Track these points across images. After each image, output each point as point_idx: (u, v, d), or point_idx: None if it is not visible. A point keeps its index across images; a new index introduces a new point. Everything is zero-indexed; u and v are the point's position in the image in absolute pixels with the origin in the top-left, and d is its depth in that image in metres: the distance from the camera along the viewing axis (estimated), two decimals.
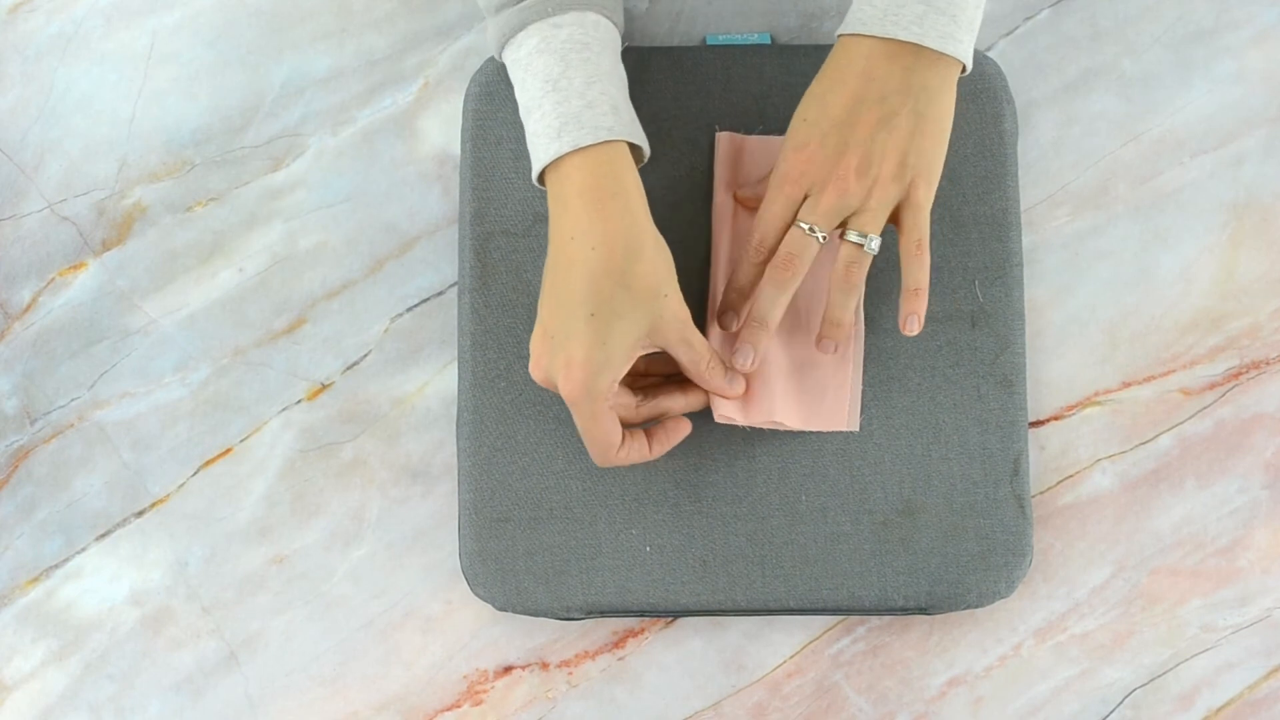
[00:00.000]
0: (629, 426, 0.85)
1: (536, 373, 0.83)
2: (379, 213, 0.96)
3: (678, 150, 0.93)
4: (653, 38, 0.97)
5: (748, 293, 0.87)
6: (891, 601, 0.90)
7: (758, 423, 0.88)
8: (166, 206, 0.97)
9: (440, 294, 0.96)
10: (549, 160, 0.82)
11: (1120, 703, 0.92)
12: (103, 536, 0.94)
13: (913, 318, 0.85)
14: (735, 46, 0.94)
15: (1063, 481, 0.94)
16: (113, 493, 0.94)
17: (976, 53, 0.92)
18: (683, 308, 0.83)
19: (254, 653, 0.93)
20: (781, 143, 0.85)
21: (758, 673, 0.93)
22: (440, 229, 0.96)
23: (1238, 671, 0.92)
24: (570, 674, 0.93)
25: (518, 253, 0.92)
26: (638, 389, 0.86)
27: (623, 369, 0.81)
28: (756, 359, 0.86)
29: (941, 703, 0.92)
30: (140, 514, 0.94)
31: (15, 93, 0.98)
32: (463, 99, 0.94)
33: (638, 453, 0.84)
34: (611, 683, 0.93)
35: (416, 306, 0.96)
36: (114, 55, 0.98)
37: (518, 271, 0.92)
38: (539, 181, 0.85)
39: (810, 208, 0.83)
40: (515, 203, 0.92)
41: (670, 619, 0.93)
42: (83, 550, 0.94)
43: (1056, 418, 0.94)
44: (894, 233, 0.85)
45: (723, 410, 0.87)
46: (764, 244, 0.85)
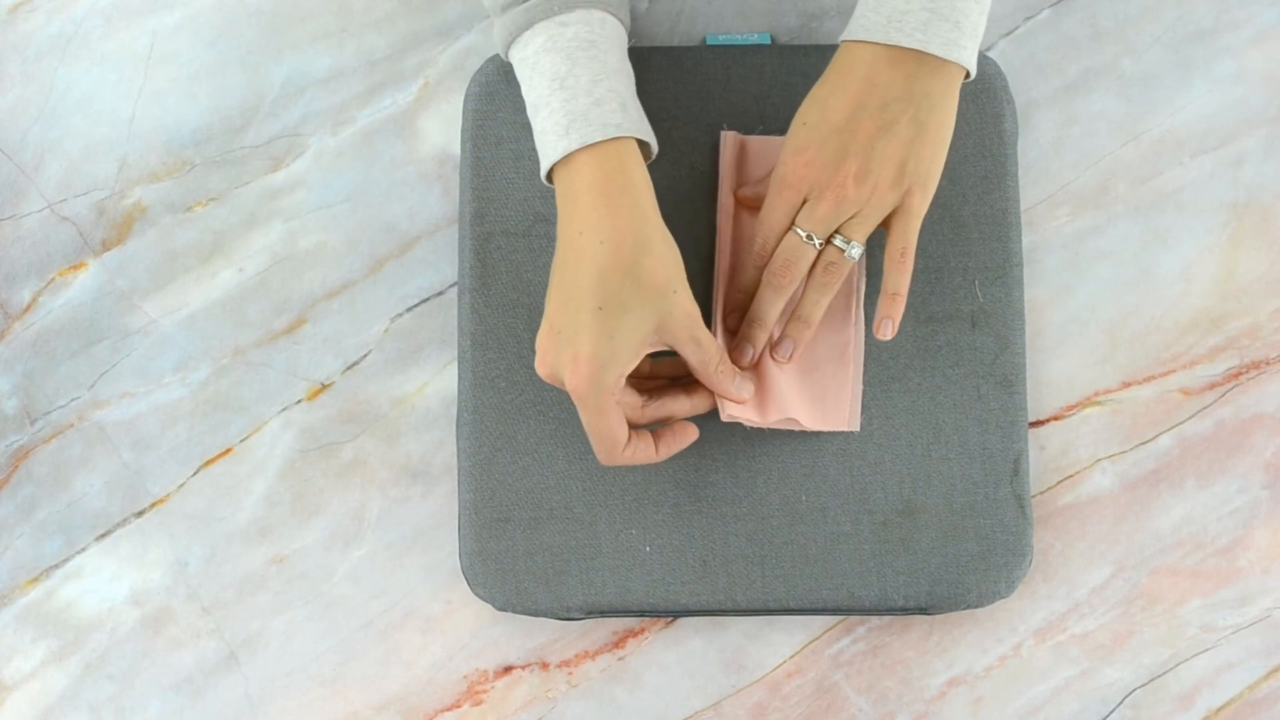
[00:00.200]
0: (635, 428, 0.84)
1: (543, 369, 0.82)
2: (379, 213, 0.96)
3: (678, 150, 0.93)
4: (653, 38, 0.97)
5: (750, 293, 0.87)
6: (891, 601, 0.90)
7: (762, 423, 0.88)
8: (166, 206, 0.97)
9: (440, 294, 0.96)
10: (558, 157, 0.82)
11: (1120, 703, 0.92)
12: (103, 536, 0.94)
13: (887, 321, 0.85)
14: (735, 46, 0.94)
15: (1063, 481, 0.94)
16: (113, 493, 0.94)
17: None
18: (693, 305, 0.82)
19: (254, 653, 0.93)
20: (781, 145, 0.85)
21: (758, 673, 0.93)
22: (440, 229, 0.96)
23: (1238, 671, 0.92)
24: (570, 674, 0.93)
25: (518, 253, 0.92)
26: (644, 391, 0.86)
27: (630, 364, 0.81)
28: (756, 355, 0.87)
29: (941, 703, 0.92)
30: (140, 514, 0.94)
31: (15, 93, 0.98)
32: (463, 99, 0.94)
33: (644, 453, 0.84)
34: (611, 683, 0.93)
35: (416, 306, 0.96)
36: (114, 55, 0.98)
37: (518, 271, 0.92)
38: (547, 179, 0.85)
39: (808, 214, 0.83)
40: (515, 203, 0.92)
41: (670, 619, 0.93)
42: (83, 550, 0.94)
43: (1056, 418, 0.94)
44: (880, 241, 0.86)
45: (729, 410, 0.87)
46: (765, 249, 0.85)
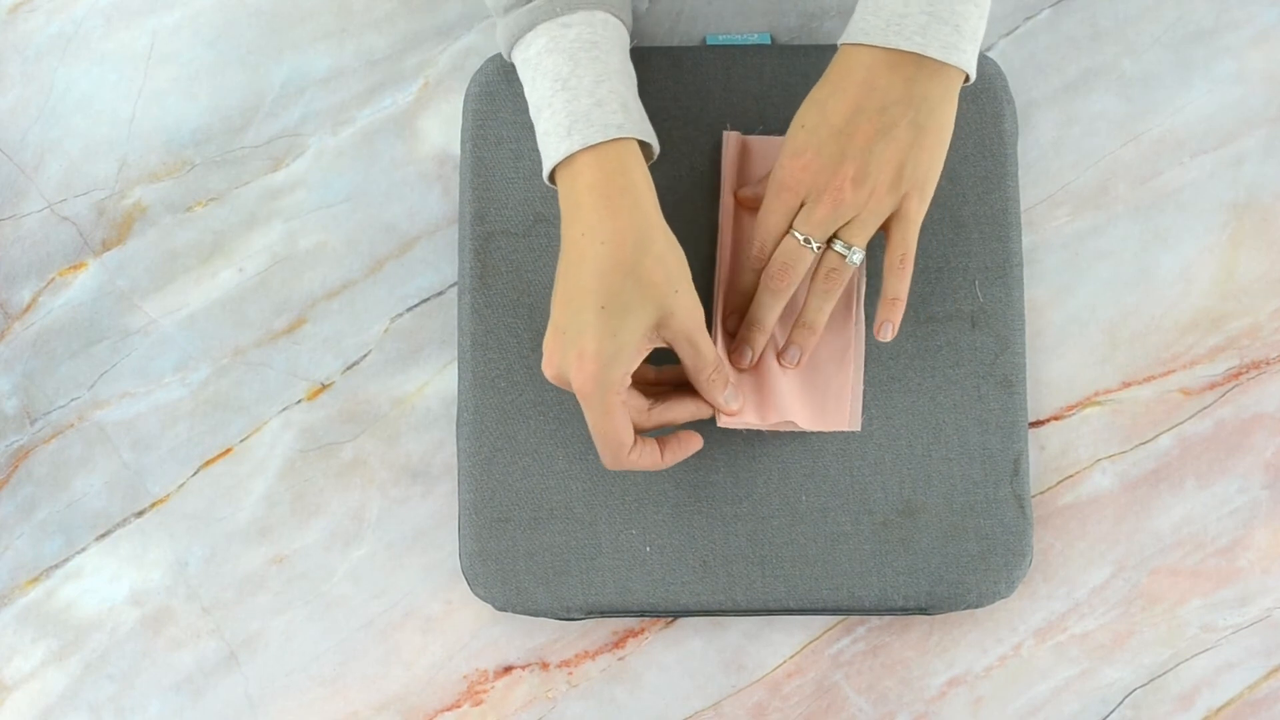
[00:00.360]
0: (640, 433, 0.84)
1: (549, 369, 0.82)
2: (379, 213, 0.96)
3: (678, 150, 0.93)
4: (653, 38, 0.97)
5: (749, 296, 0.87)
6: (891, 601, 0.90)
7: (762, 424, 0.88)
8: (166, 206, 0.96)
9: (440, 294, 0.96)
10: (560, 158, 0.82)
11: (1120, 703, 0.92)
12: (103, 536, 0.94)
13: (887, 325, 0.86)
14: (735, 46, 0.94)
15: (1063, 481, 0.94)
16: (113, 493, 0.94)
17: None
18: (696, 307, 0.82)
19: (254, 653, 0.93)
20: (780, 148, 0.85)
21: (758, 673, 0.93)
22: (440, 229, 0.96)
23: (1238, 671, 0.92)
24: (570, 674, 0.93)
25: (518, 253, 0.92)
26: (649, 397, 0.86)
27: (634, 362, 0.81)
28: (755, 358, 0.87)
29: (941, 703, 0.92)
30: (140, 514, 0.94)
31: (15, 93, 0.98)
32: (463, 99, 0.94)
33: (649, 459, 0.84)
34: (611, 683, 0.93)
35: (416, 306, 0.96)
36: (114, 55, 0.98)
37: (518, 271, 0.92)
38: (550, 180, 0.85)
39: (805, 217, 0.83)
40: (515, 203, 0.92)
41: (670, 619, 0.93)
42: (83, 550, 0.94)
43: (1056, 418, 0.94)
44: (880, 242, 0.86)
45: (725, 416, 0.86)
46: (763, 251, 0.86)
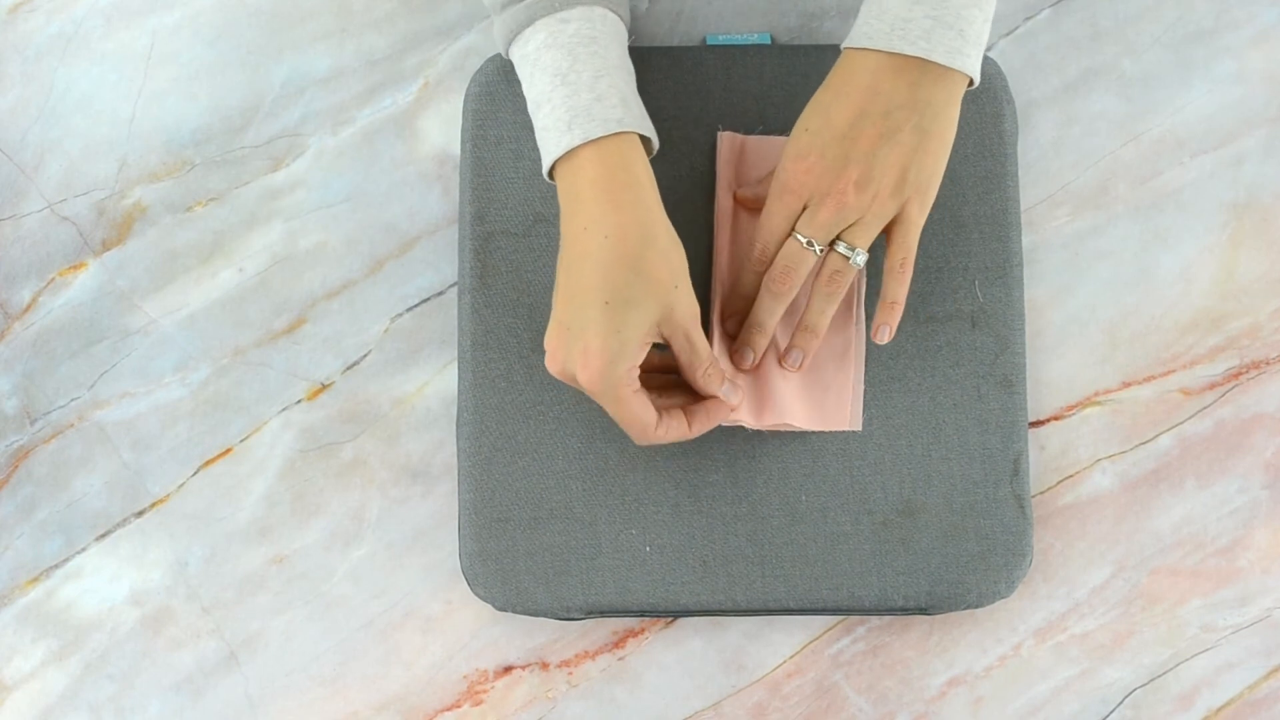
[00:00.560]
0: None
1: (553, 366, 0.82)
2: (379, 213, 0.96)
3: (678, 150, 0.93)
4: (653, 38, 0.97)
5: (750, 298, 0.87)
6: (891, 601, 0.90)
7: (762, 425, 0.88)
8: (166, 206, 0.96)
9: (440, 294, 0.96)
10: (560, 153, 0.82)
11: (1120, 703, 0.92)
12: (103, 536, 0.94)
13: (884, 328, 0.87)
14: (735, 46, 0.94)
15: (1063, 481, 0.94)
16: (113, 493, 0.94)
17: None
18: (693, 303, 0.82)
19: (254, 653, 0.93)
20: (782, 149, 0.85)
21: (758, 673, 0.93)
22: (440, 229, 0.96)
23: (1238, 671, 0.92)
24: (570, 674, 0.93)
25: (518, 253, 0.92)
26: (653, 388, 0.85)
27: (639, 357, 0.81)
28: (756, 359, 0.87)
29: (941, 703, 0.92)
30: (140, 514, 0.94)
31: (15, 93, 0.98)
32: (463, 99, 0.94)
33: (677, 430, 0.84)
34: (611, 683, 0.93)
35: (416, 306, 0.96)
36: (114, 55, 0.98)
37: (518, 271, 0.92)
38: (549, 176, 0.85)
39: (808, 220, 0.83)
40: (515, 203, 0.92)
41: (670, 619, 0.93)
42: (83, 550, 0.94)
43: (1056, 418, 0.94)
44: (879, 241, 0.86)
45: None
46: (765, 254, 0.86)
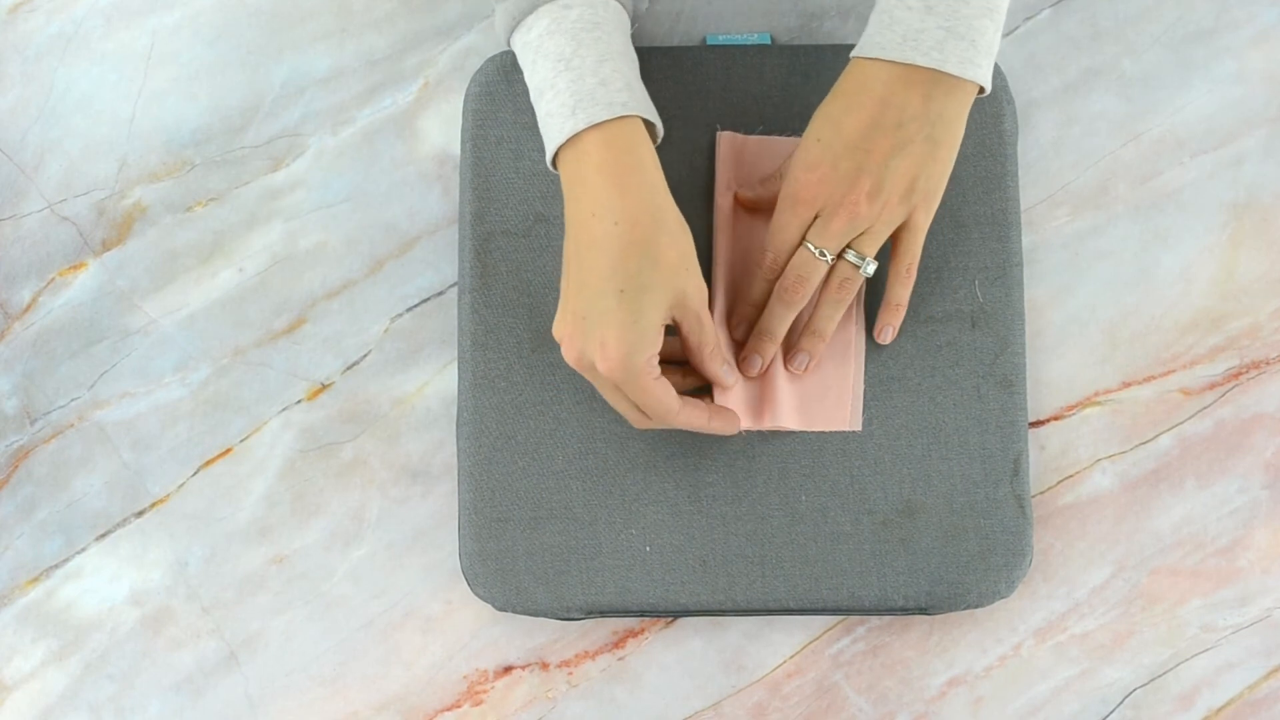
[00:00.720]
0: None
1: (571, 356, 0.82)
2: (379, 213, 0.96)
3: (678, 150, 0.92)
4: (653, 38, 0.97)
5: (760, 306, 0.87)
6: (891, 601, 0.90)
7: (762, 425, 0.88)
8: (166, 206, 0.96)
9: (440, 294, 0.96)
10: (565, 138, 0.81)
11: (1120, 703, 0.92)
12: (103, 536, 0.94)
13: (888, 329, 0.89)
14: (735, 46, 0.94)
15: (1063, 481, 0.94)
16: (113, 493, 0.94)
17: None
18: (703, 285, 0.82)
19: (254, 653, 0.93)
20: (791, 160, 0.85)
21: (758, 673, 0.93)
22: (440, 229, 0.96)
23: (1238, 671, 0.92)
24: (570, 674, 0.93)
25: (518, 253, 0.92)
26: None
27: (657, 344, 0.81)
28: (764, 366, 0.88)
29: (941, 703, 0.92)
30: (140, 514, 0.94)
31: (15, 93, 0.98)
32: (463, 99, 0.94)
33: (698, 419, 0.84)
34: (611, 683, 0.93)
35: (416, 306, 0.96)
36: (114, 55, 0.98)
37: (518, 271, 0.92)
38: (552, 165, 0.84)
39: (820, 230, 0.83)
40: (515, 203, 0.92)
41: (670, 619, 0.93)
42: (83, 550, 0.94)
43: (1056, 418, 0.94)
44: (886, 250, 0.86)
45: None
46: (776, 264, 0.86)
